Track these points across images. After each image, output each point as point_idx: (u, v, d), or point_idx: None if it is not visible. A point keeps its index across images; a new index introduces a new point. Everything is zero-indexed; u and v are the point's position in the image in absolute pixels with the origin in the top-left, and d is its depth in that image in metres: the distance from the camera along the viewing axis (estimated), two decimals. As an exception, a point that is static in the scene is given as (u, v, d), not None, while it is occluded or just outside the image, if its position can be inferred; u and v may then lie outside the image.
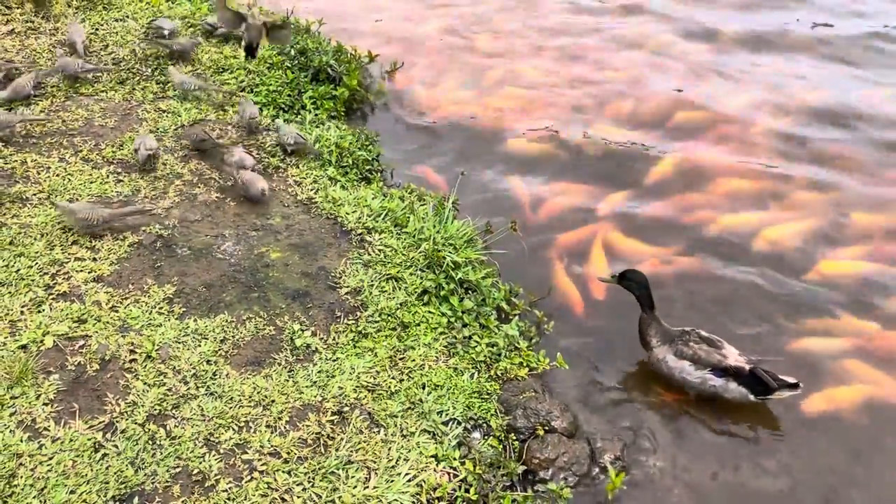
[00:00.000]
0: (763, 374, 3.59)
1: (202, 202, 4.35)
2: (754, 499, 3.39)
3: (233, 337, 3.47)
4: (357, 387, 3.31)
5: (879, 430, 3.71)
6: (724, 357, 3.67)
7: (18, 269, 3.66)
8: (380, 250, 4.13)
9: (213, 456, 2.93)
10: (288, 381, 3.29)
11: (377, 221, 4.35)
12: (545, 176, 5.56)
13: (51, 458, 2.83)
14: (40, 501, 2.69)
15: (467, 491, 3.02)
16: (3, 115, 4.58)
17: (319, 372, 3.36)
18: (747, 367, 3.63)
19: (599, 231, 4.94)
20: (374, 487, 2.89)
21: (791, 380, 3.61)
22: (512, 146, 5.88)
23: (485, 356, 3.69)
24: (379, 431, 3.13)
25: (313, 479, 2.89)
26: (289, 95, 5.61)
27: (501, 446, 3.33)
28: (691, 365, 3.68)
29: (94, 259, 3.79)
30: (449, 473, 3.06)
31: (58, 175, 4.37)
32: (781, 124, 6.22)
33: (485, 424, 3.36)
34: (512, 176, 5.52)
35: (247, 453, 2.96)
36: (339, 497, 2.82)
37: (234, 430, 3.04)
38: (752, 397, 3.64)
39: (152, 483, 2.80)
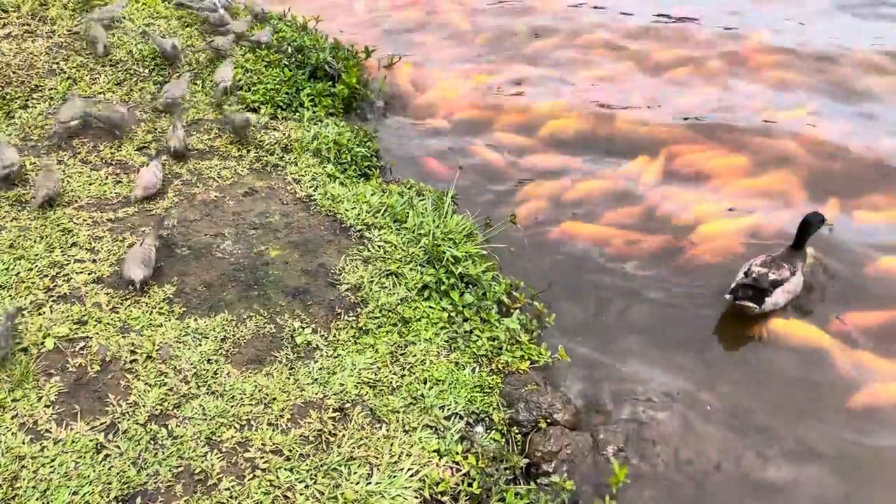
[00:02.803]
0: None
1: (201, 201, 4.34)
2: (758, 489, 3.38)
3: (233, 336, 3.47)
4: (358, 383, 3.31)
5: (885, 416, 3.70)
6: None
7: (18, 272, 3.66)
8: (379, 246, 4.12)
9: (215, 455, 2.92)
10: (289, 378, 3.29)
11: (376, 217, 4.34)
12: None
13: (53, 460, 2.83)
14: (43, 503, 2.69)
15: (470, 485, 3.02)
16: None
17: (320, 369, 3.36)
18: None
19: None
20: (377, 483, 2.89)
21: None
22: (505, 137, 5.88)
23: (486, 350, 3.68)
24: (381, 427, 3.13)
25: (315, 476, 2.89)
26: (286, 93, 5.59)
27: (504, 440, 3.33)
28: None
29: (94, 261, 3.79)
30: (452, 468, 3.05)
31: (56, 177, 4.37)
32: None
33: (487, 418, 3.36)
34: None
35: (249, 451, 2.95)
36: (342, 493, 2.82)
37: (235, 428, 3.04)
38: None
39: (155, 483, 2.80)
